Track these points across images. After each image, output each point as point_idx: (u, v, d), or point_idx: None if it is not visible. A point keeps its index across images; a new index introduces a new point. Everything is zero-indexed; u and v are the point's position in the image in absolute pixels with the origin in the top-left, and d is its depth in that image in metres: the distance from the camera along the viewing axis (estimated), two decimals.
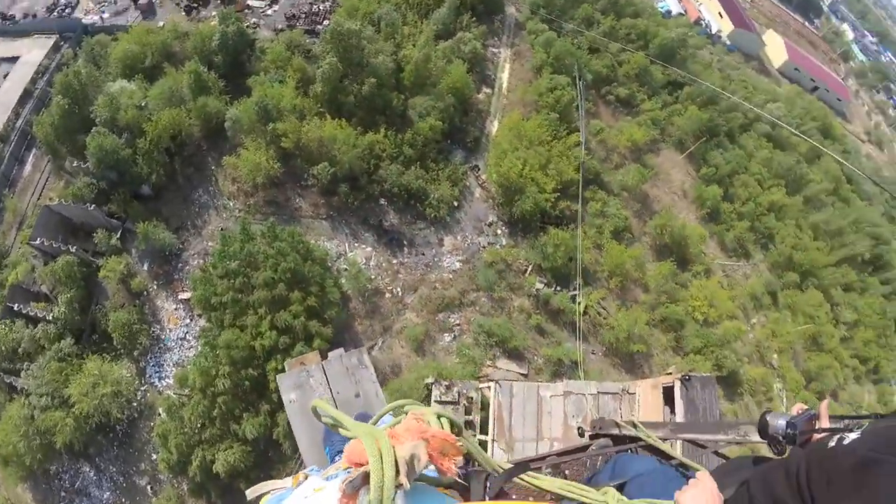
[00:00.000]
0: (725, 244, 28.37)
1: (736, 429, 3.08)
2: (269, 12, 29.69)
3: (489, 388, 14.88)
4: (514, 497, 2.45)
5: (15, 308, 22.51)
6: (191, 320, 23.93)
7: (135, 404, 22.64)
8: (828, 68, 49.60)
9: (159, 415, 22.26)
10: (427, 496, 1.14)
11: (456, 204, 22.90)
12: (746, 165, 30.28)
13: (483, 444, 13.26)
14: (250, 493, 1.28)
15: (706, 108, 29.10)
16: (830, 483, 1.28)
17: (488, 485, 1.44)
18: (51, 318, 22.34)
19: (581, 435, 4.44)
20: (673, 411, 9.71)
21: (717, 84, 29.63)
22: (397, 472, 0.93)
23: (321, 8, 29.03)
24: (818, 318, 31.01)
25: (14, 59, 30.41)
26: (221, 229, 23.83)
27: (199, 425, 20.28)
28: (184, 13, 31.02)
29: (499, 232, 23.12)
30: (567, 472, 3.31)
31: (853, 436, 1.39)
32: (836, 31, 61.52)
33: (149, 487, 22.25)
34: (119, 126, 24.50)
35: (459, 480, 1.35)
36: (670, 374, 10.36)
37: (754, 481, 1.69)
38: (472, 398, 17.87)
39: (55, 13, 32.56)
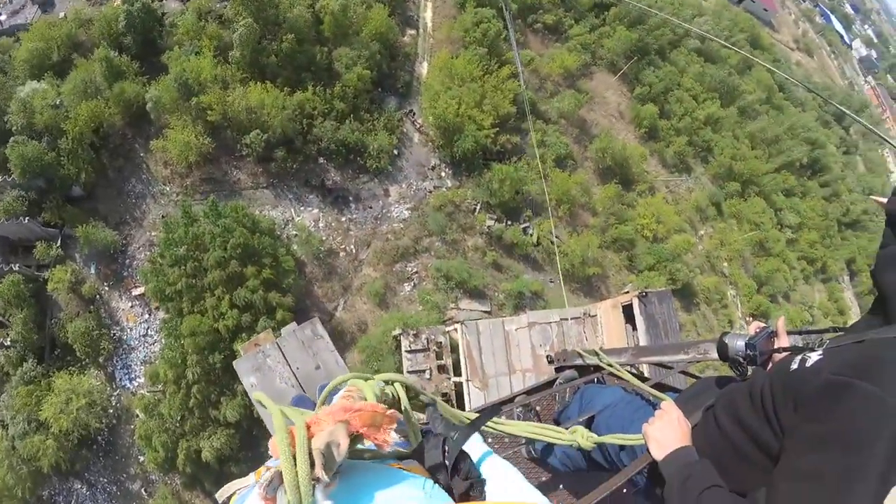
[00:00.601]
0: (666, 161, 29.23)
1: (696, 347, 3.11)
2: None
3: (456, 329, 14.96)
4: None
5: None
6: (149, 315, 23.48)
7: (111, 411, 22.35)
8: None
9: (137, 416, 22.06)
10: (369, 478, 1.04)
11: (396, 152, 22.69)
12: (679, 81, 30.85)
13: (459, 385, 13.63)
14: (219, 495, 1.22)
15: (634, 27, 29.23)
16: (797, 407, 1.27)
17: (446, 449, 1.33)
18: (8, 342, 21.60)
19: (550, 362, 4.49)
20: (635, 328, 10.16)
21: (643, 2, 29.74)
22: (315, 464, 0.87)
23: None
24: (763, 224, 32.64)
25: None
26: (163, 216, 23.11)
27: (178, 418, 20.22)
28: None
29: (443, 174, 23.15)
30: (538, 408, 3.31)
31: (815, 356, 1.35)
32: None
33: (143, 490, 22.25)
34: (37, 130, 23.10)
35: (402, 451, 1.29)
36: (627, 292, 10.77)
37: (719, 405, 1.69)
38: (441, 343, 18.10)
39: None
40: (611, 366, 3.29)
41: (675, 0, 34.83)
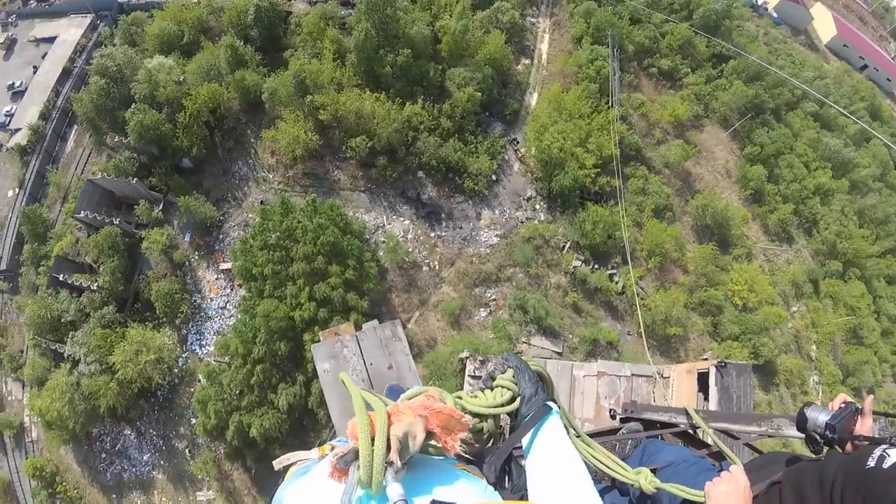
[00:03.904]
0: (768, 227, 27.44)
1: (770, 421, 2.96)
2: None
3: None
4: None
5: (60, 278, 23.27)
6: (231, 290, 24.46)
7: (176, 371, 23.41)
8: (877, 46, 46.80)
9: (199, 381, 22.90)
10: (435, 472, 1.10)
11: (494, 178, 22.65)
12: (792, 145, 28.99)
13: None
14: (277, 463, 1.27)
15: (752, 83, 27.85)
16: None
17: (507, 469, 1.41)
18: (95, 287, 23.05)
19: (613, 417, 4.44)
20: (707, 398, 9.61)
21: (763, 59, 28.30)
22: (390, 449, 0.93)
23: None
24: (859, 310, 29.95)
25: (52, 40, 30.97)
26: (261, 202, 24.15)
27: (237, 392, 20.86)
28: None
29: (537, 207, 22.84)
30: None
31: (895, 454, 1.32)
32: (885, 7, 57.87)
33: (187, 451, 23.10)
34: (158, 101, 24.85)
35: (465, 455, 1.34)
36: (706, 359, 10.25)
37: (787, 485, 1.62)
38: None
39: None
40: (701, 424, 3.08)
41: (797, 59, 32.96)
